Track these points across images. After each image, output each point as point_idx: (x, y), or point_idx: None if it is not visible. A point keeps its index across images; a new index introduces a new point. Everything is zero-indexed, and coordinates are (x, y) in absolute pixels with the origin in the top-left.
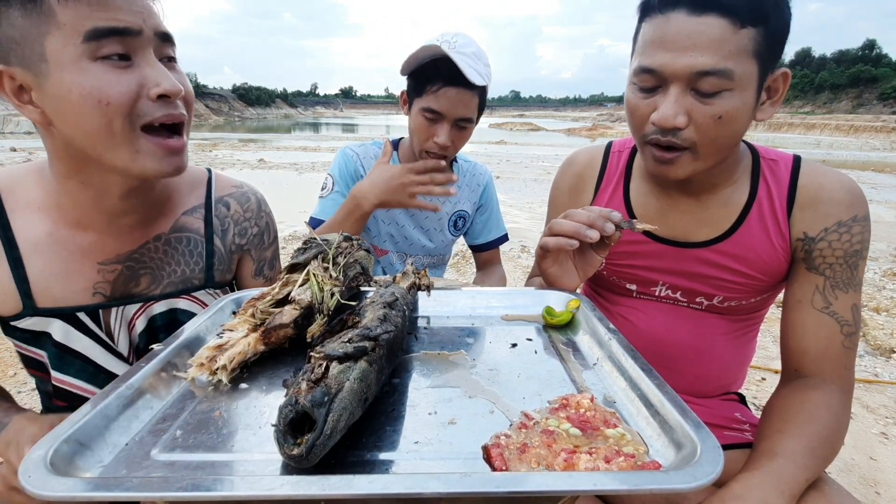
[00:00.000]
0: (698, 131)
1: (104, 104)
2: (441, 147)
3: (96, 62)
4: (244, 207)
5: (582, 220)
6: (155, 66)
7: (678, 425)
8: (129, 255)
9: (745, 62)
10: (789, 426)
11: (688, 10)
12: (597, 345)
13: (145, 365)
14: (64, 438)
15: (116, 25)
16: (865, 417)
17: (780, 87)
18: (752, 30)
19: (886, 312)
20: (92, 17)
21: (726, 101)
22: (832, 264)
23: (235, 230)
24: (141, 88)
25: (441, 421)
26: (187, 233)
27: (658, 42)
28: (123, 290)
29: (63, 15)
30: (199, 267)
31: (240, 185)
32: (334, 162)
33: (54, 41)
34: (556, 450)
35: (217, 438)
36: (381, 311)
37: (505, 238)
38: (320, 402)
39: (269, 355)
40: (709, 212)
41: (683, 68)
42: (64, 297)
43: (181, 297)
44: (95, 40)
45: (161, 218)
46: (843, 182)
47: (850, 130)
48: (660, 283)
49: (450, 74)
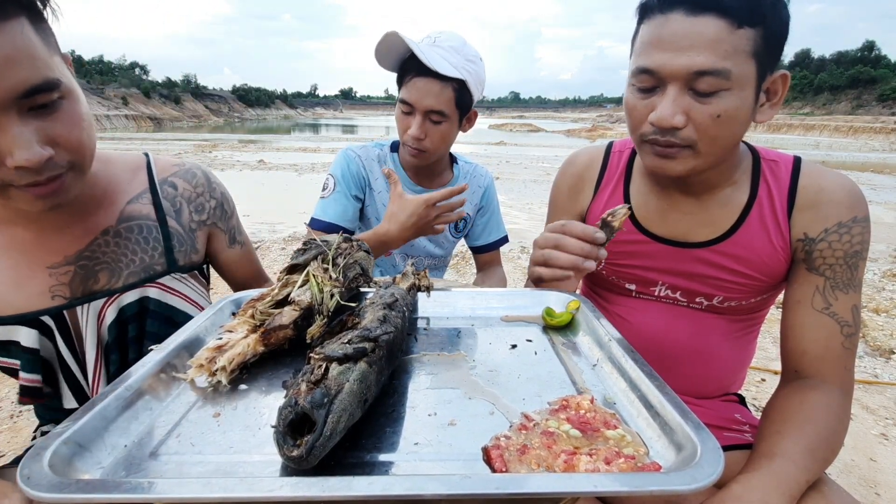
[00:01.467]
0: (698, 130)
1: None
2: (414, 139)
3: None
4: (193, 184)
5: (578, 253)
6: (9, 133)
7: (678, 427)
8: (78, 255)
9: (743, 62)
10: (789, 427)
11: (685, 10)
12: (597, 346)
13: (144, 366)
14: (63, 440)
15: None
16: (865, 418)
17: (779, 90)
18: (749, 30)
19: (886, 313)
20: None
21: (724, 101)
22: (832, 265)
23: (190, 207)
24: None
25: (441, 422)
26: (137, 220)
27: (656, 42)
28: (83, 288)
29: None
30: (157, 252)
31: (181, 163)
32: (335, 162)
33: None
34: (556, 451)
35: (216, 440)
36: (380, 312)
37: (505, 240)
38: (320, 404)
39: (269, 356)
40: (709, 212)
41: (681, 68)
42: (21, 303)
43: (147, 285)
44: None
45: (103, 211)
46: (844, 183)
47: (850, 131)
48: (659, 283)
49: (419, 66)
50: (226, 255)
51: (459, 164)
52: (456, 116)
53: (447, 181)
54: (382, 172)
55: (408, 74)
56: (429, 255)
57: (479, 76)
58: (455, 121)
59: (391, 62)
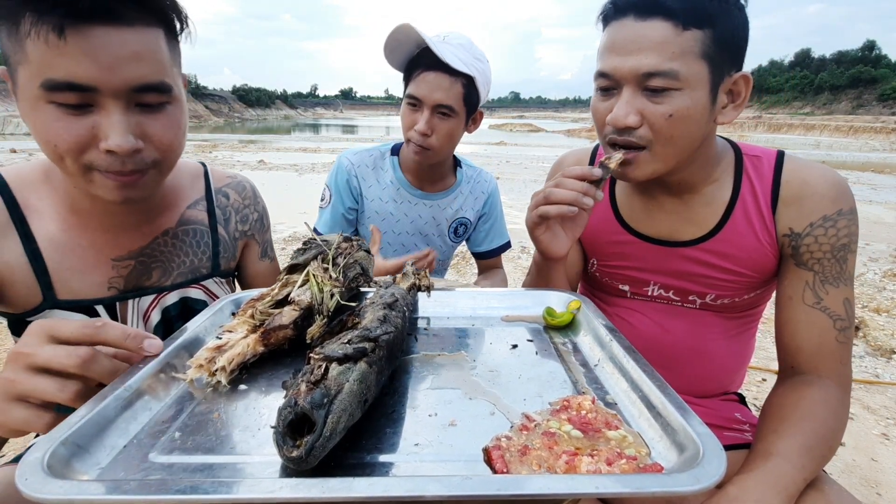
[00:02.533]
0: (653, 130)
1: (52, 145)
2: (420, 134)
3: (50, 105)
4: (242, 195)
5: (577, 189)
6: (111, 118)
7: (680, 427)
8: (140, 251)
9: (692, 63)
10: (785, 425)
11: (635, 15)
12: (598, 346)
13: (143, 366)
14: (61, 441)
15: (72, 80)
16: (866, 418)
17: (742, 91)
18: (697, 31)
19: (887, 313)
20: (51, 67)
21: (676, 101)
22: (820, 259)
23: (237, 218)
24: (92, 139)
25: (441, 423)
26: (193, 225)
27: (610, 47)
28: (136, 283)
29: (31, 53)
30: (206, 256)
31: (233, 175)
32: (331, 171)
33: (23, 73)
34: (557, 452)
35: (216, 440)
36: (380, 312)
37: (507, 246)
38: (320, 404)
39: (269, 356)
40: (693, 211)
41: (630, 70)
42: (81, 290)
43: (190, 286)
44: (49, 91)
45: (167, 213)
46: (827, 176)
47: (850, 131)
48: (651, 282)
49: (429, 61)
50: (255, 267)
51: (463, 168)
52: (463, 114)
53: (450, 186)
54: (370, 229)
55: (416, 69)
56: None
57: (486, 75)
58: (462, 119)
59: (400, 57)
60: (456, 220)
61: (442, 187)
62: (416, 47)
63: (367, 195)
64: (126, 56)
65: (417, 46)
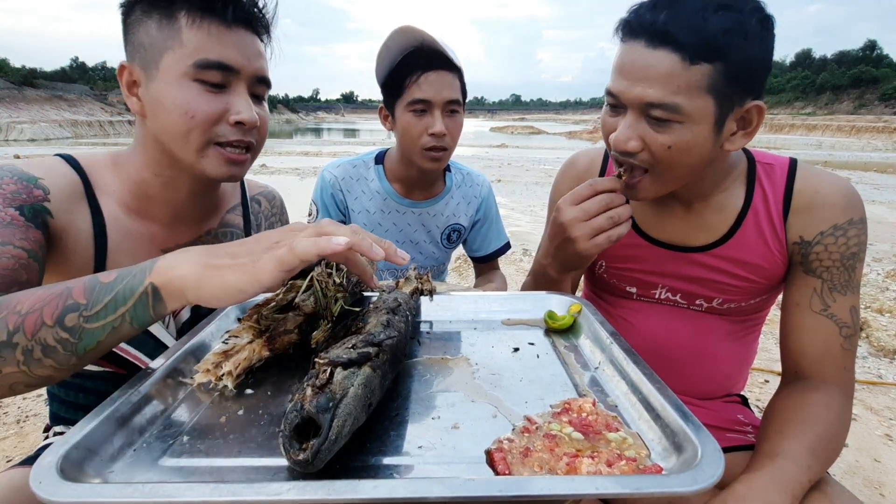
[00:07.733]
0: (653, 156)
1: (189, 116)
2: (439, 136)
3: (195, 82)
4: (272, 204)
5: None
6: (242, 97)
7: (679, 429)
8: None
9: (697, 97)
10: (790, 427)
11: (646, 41)
12: (598, 349)
13: (152, 371)
14: (73, 445)
15: (223, 61)
16: (869, 419)
17: (753, 120)
18: (705, 66)
19: (890, 314)
20: (207, 49)
21: (677, 133)
22: (829, 267)
23: (266, 224)
24: (224, 113)
25: (444, 425)
26: (231, 228)
27: (619, 68)
28: None
29: (188, 39)
30: None
31: (265, 185)
32: (315, 187)
33: (171, 56)
34: (558, 454)
35: (223, 444)
36: (384, 317)
37: (507, 247)
38: (325, 408)
39: (274, 361)
40: (704, 218)
41: (634, 98)
42: None
43: None
44: (202, 68)
45: (213, 215)
46: (839, 186)
47: (852, 131)
48: (659, 286)
49: (425, 61)
50: None
51: (453, 171)
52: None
53: (439, 192)
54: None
55: (410, 76)
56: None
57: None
58: (464, 113)
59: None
60: (449, 226)
61: (431, 194)
62: (408, 48)
63: (354, 207)
64: (255, 53)
65: (401, 52)
